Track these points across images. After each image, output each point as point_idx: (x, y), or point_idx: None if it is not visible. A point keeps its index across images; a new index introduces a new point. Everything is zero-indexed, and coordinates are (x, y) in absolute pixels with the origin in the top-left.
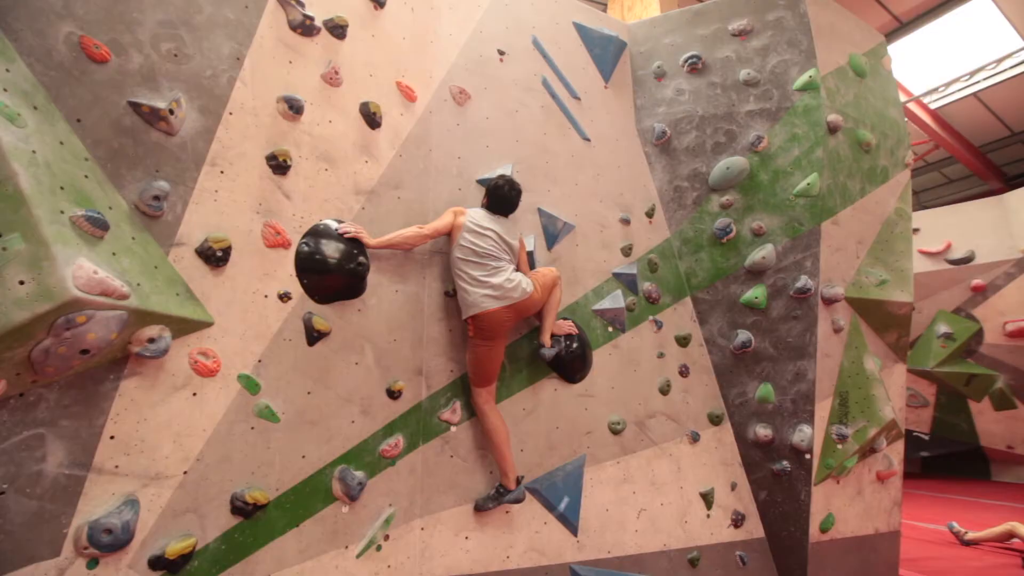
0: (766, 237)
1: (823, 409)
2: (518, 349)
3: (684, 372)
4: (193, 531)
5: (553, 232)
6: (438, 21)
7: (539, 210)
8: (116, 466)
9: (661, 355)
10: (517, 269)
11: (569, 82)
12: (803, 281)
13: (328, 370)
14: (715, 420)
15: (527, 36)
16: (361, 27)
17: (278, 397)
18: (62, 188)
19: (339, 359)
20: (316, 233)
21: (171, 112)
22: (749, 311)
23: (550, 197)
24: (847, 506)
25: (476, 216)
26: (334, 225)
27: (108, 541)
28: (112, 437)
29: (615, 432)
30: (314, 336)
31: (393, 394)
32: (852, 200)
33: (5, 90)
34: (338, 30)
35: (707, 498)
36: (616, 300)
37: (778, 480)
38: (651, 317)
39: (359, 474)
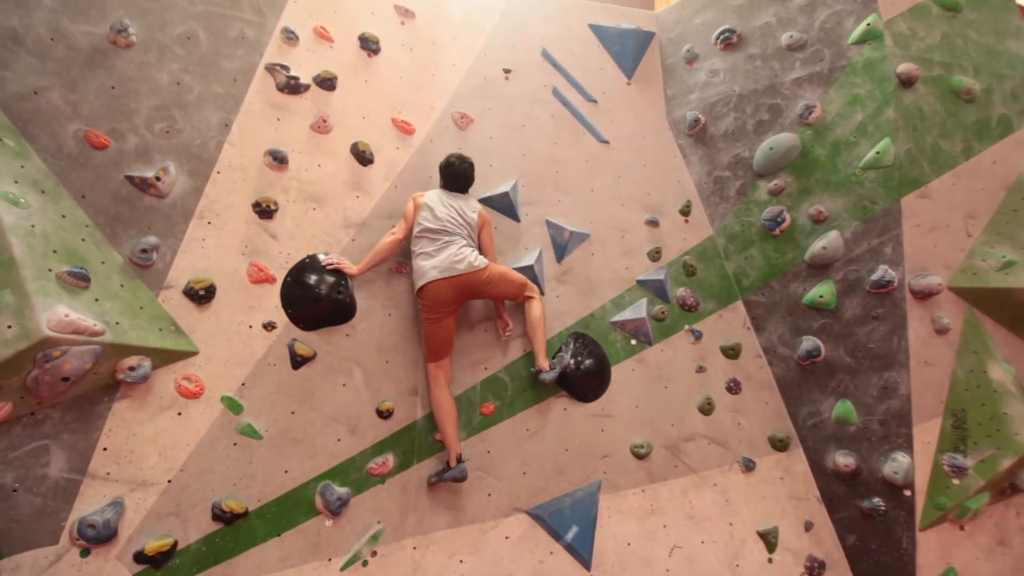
0: (829, 223)
1: (927, 432)
2: (521, 367)
3: (734, 388)
4: (175, 533)
5: (560, 243)
6: (441, 55)
7: (547, 222)
8: (108, 473)
9: (701, 369)
10: (477, 248)
11: (583, 86)
12: (882, 272)
13: (313, 392)
14: (779, 444)
15: (536, 49)
16: (353, 75)
17: (261, 416)
18: (55, 252)
19: (325, 381)
20: (301, 267)
21: (158, 179)
22: (815, 313)
23: (560, 207)
24: (981, 560)
25: (432, 196)
26: (321, 258)
27: (92, 535)
28: (105, 449)
29: (639, 456)
30: (298, 360)
31: (383, 414)
32: (951, 164)
33: (16, 181)
34: (327, 83)
35: (768, 538)
36: (639, 310)
37: (870, 521)
38: (687, 326)
39: (342, 490)
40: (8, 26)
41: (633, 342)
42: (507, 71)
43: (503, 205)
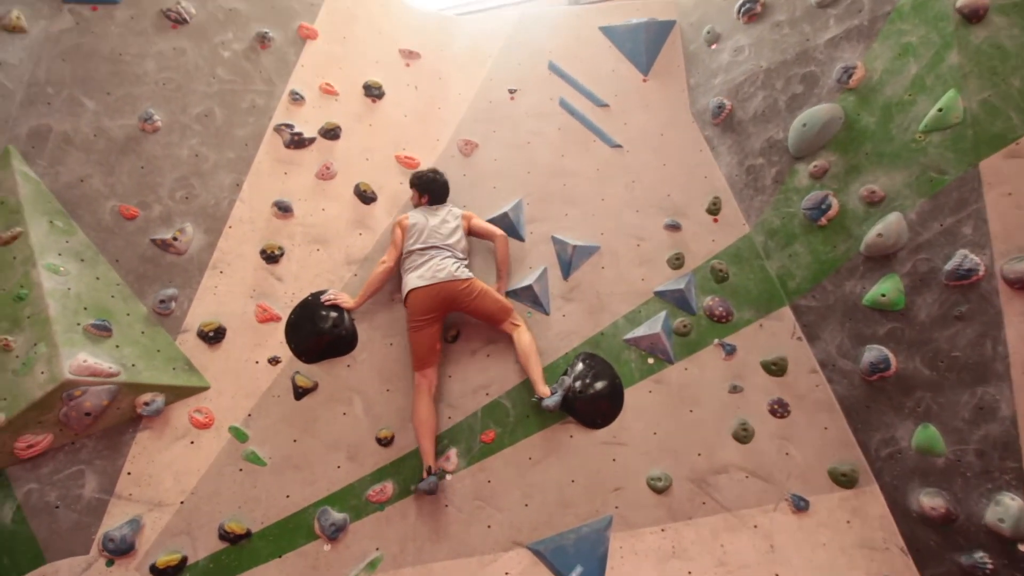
0: (887, 204)
1: None
2: (524, 392)
3: (780, 411)
4: (185, 549)
5: (565, 259)
6: (447, 88)
7: (552, 238)
8: (130, 494)
9: (736, 389)
10: (474, 236)
11: (593, 92)
12: (960, 259)
13: (314, 421)
14: (844, 480)
15: (542, 64)
16: (357, 122)
17: (265, 444)
18: (85, 308)
19: (326, 411)
20: (303, 305)
21: (175, 239)
22: (879, 316)
23: (567, 221)
24: None
25: (417, 216)
26: (322, 296)
27: (112, 548)
28: (128, 473)
29: (657, 490)
30: (299, 391)
31: (382, 441)
32: None
33: (60, 254)
34: (331, 133)
35: None
36: (655, 325)
37: None
38: (716, 340)
39: (339, 516)
40: (62, 130)
41: (650, 360)
42: (512, 91)
43: (504, 226)
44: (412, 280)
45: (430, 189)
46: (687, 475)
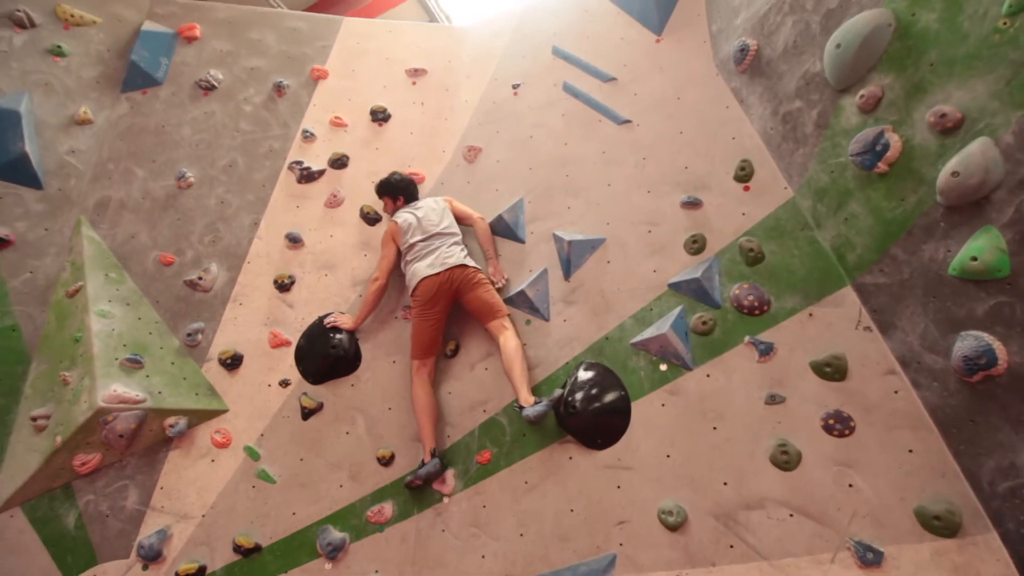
0: (967, 129)
1: None
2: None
3: (839, 427)
4: (204, 559)
5: (564, 257)
6: (454, 97)
7: (553, 236)
8: (162, 507)
9: (775, 399)
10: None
11: (598, 68)
12: None
13: (319, 440)
14: (939, 525)
15: (546, 51)
16: (364, 148)
17: (275, 463)
18: (124, 345)
19: (330, 430)
20: (309, 329)
21: (200, 278)
22: (973, 288)
23: (570, 215)
24: None
25: (404, 215)
26: (325, 319)
27: (143, 554)
28: (161, 487)
29: (669, 527)
30: (305, 412)
31: (383, 461)
32: None
33: (110, 300)
34: (339, 163)
35: None
36: (664, 323)
37: None
38: (748, 338)
39: (339, 536)
40: (118, 198)
41: (663, 367)
42: (516, 86)
43: (502, 228)
44: (422, 270)
45: (401, 189)
46: (709, 509)
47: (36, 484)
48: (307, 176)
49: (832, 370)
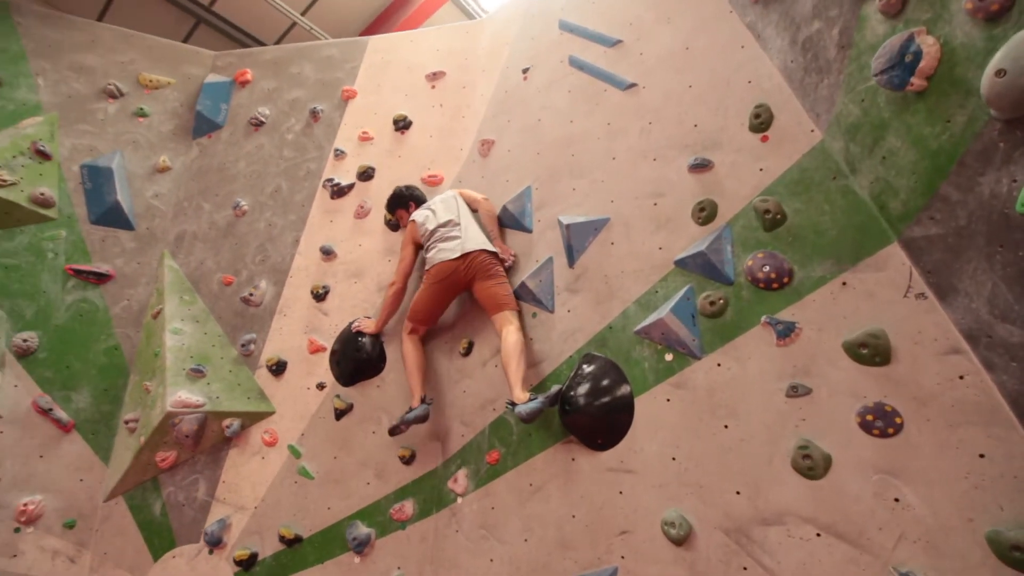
0: (1020, 11)
1: None
2: None
3: (880, 424)
4: (256, 547)
5: (567, 243)
6: (471, 94)
7: (558, 222)
8: (224, 498)
9: (798, 390)
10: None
11: (603, 34)
12: None
13: (350, 439)
14: (1022, 558)
15: (554, 27)
16: (388, 157)
17: (313, 461)
18: (191, 357)
19: (359, 429)
20: (341, 334)
21: (251, 294)
22: None
23: (575, 197)
24: None
25: (421, 215)
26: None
27: (208, 540)
28: (224, 481)
29: (673, 540)
30: (338, 413)
31: (404, 460)
32: None
33: (182, 320)
34: (366, 175)
35: None
36: (666, 307)
37: None
38: (765, 318)
39: (365, 531)
40: (191, 230)
41: (668, 357)
42: (525, 71)
43: (508, 219)
44: (439, 254)
45: (411, 196)
46: (719, 522)
47: (131, 477)
48: (338, 191)
49: (871, 352)
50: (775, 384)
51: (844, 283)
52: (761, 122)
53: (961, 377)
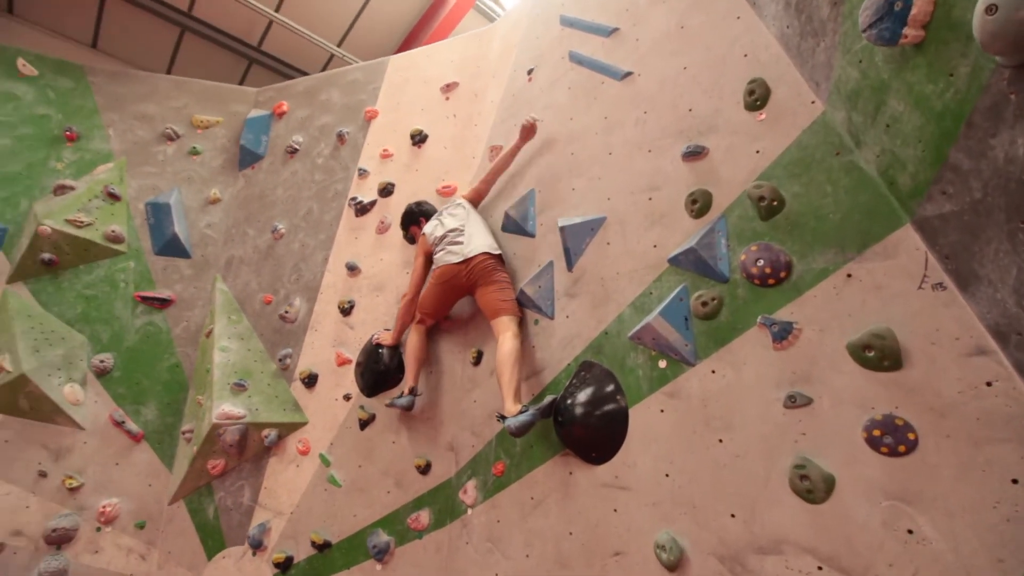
0: None
1: None
2: None
3: (889, 440)
4: (291, 550)
5: (564, 245)
6: (482, 101)
7: (558, 228)
8: (265, 504)
9: (796, 400)
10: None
11: (600, 24)
12: None
13: (372, 449)
14: None
15: (556, 24)
16: (406, 172)
17: (341, 469)
18: (236, 372)
19: (381, 439)
20: (364, 348)
21: (286, 312)
22: None
23: (573, 198)
24: None
25: (430, 227)
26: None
27: (251, 542)
28: (265, 487)
29: (666, 565)
30: (362, 423)
31: (420, 469)
32: None
33: (229, 338)
34: (386, 191)
35: None
36: (667, 309)
37: None
38: (761, 318)
39: (385, 540)
40: (238, 255)
41: (662, 364)
42: (530, 71)
43: (511, 225)
44: (443, 258)
45: (420, 212)
46: (712, 548)
47: (188, 483)
48: (361, 209)
49: (879, 354)
50: (772, 393)
51: (849, 275)
52: (756, 99)
53: (988, 384)
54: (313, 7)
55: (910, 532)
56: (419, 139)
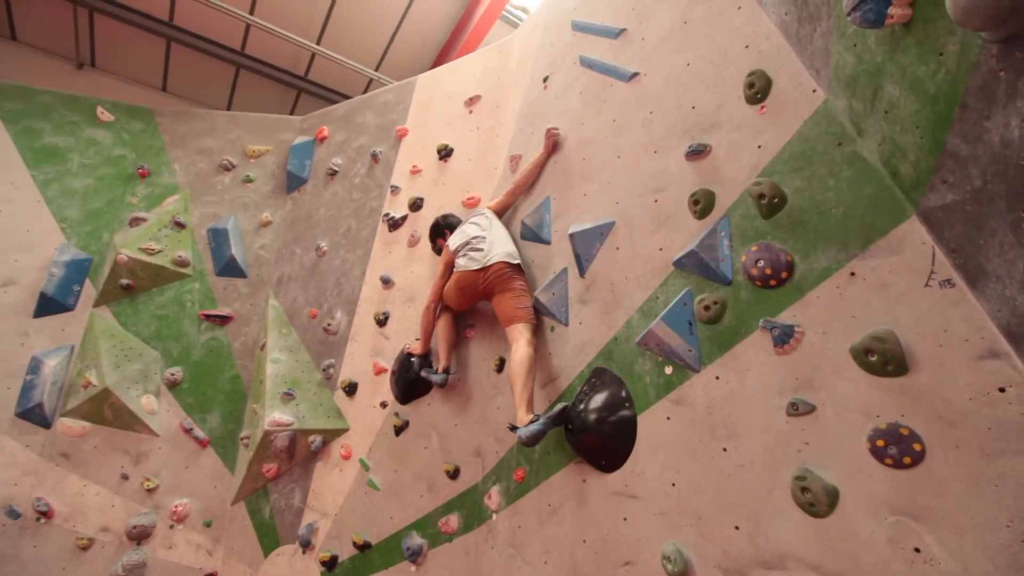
0: None
1: None
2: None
3: (895, 451)
4: (336, 550)
5: (575, 252)
6: (504, 112)
7: (568, 236)
8: (313, 505)
9: (799, 408)
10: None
11: (607, 25)
12: None
13: (407, 454)
14: None
15: (567, 30)
16: (434, 186)
17: (379, 473)
18: (285, 382)
19: (414, 445)
20: (398, 357)
21: (329, 325)
22: None
23: (586, 203)
24: None
25: (454, 239)
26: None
27: (300, 541)
28: (313, 490)
29: None
30: (396, 429)
31: (450, 474)
32: None
33: (280, 350)
34: (416, 205)
35: None
36: (672, 313)
37: None
38: (762, 321)
39: (419, 542)
40: (288, 273)
41: (668, 370)
42: (545, 79)
43: (527, 233)
44: (463, 264)
45: (446, 224)
46: (717, 560)
47: (247, 485)
48: (393, 224)
49: (882, 358)
50: (775, 400)
51: (852, 273)
52: (756, 92)
53: (1001, 390)
54: (351, 36)
55: (917, 551)
56: (445, 153)
